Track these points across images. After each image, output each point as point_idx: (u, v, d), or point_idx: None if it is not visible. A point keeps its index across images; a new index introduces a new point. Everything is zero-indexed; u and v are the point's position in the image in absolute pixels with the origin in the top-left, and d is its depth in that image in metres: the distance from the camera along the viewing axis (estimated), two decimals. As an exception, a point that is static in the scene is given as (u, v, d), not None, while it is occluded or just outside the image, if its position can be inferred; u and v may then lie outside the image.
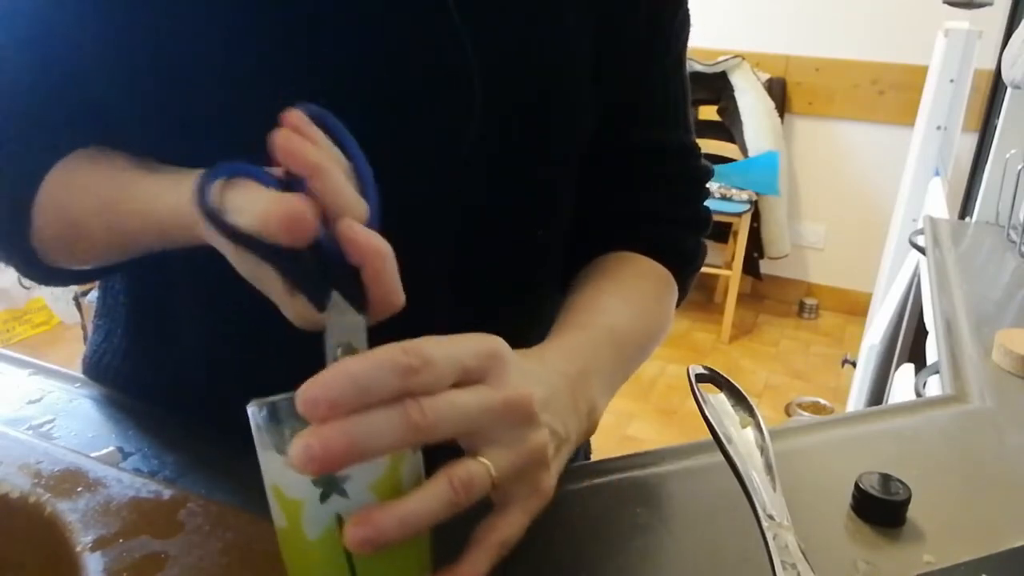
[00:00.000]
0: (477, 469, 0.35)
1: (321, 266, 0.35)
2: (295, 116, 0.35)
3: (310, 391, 0.31)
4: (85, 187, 0.50)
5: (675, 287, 0.65)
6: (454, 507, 0.34)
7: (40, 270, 0.54)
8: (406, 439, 0.32)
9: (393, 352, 0.33)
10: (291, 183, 0.35)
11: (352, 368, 0.31)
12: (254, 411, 0.35)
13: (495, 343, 0.37)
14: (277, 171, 0.36)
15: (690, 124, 0.67)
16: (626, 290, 0.59)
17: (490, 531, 0.37)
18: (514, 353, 0.39)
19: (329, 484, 0.33)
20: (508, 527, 0.37)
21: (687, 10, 0.63)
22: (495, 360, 0.37)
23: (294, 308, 0.37)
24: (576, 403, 0.44)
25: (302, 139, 0.34)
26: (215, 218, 0.36)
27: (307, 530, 0.34)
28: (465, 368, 0.35)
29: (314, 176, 0.34)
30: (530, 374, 0.39)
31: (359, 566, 0.34)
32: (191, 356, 0.59)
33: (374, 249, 0.35)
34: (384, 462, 0.34)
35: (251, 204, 0.35)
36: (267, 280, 0.38)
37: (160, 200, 0.45)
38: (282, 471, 0.33)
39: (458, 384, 0.35)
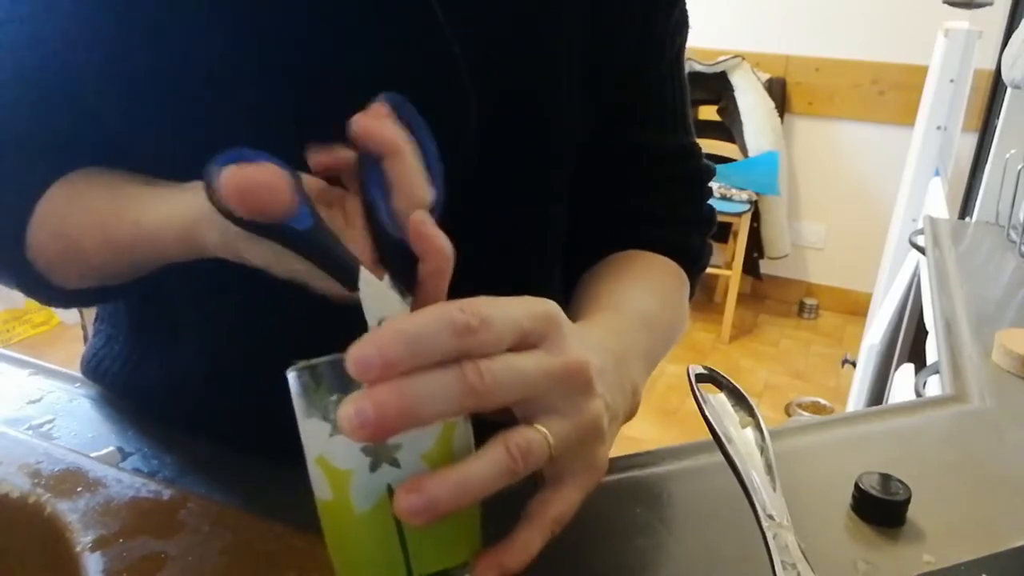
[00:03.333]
0: (535, 436, 0.33)
1: (336, 243, 0.35)
2: (378, 105, 0.36)
3: (362, 350, 0.29)
4: (82, 204, 0.49)
5: (687, 282, 0.64)
6: (511, 475, 0.32)
7: (42, 290, 0.52)
8: (463, 403, 0.30)
9: (449, 309, 0.31)
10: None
11: (406, 326, 0.30)
12: (294, 376, 0.33)
13: (550, 306, 0.35)
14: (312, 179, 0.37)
15: (689, 125, 0.66)
16: (647, 280, 0.58)
17: (544, 506, 0.35)
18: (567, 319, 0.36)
19: (379, 453, 0.32)
20: (562, 502, 0.35)
21: (684, 10, 0.62)
22: (552, 324, 0.35)
23: (327, 286, 0.37)
24: (621, 380, 0.42)
25: (381, 119, 0.35)
26: (218, 205, 0.35)
27: (356, 502, 0.33)
28: (523, 330, 0.33)
29: (389, 154, 0.35)
30: (585, 341, 0.37)
31: (410, 541, 0.33)
32: (192, 364, 0.59)
33: (440, 249, 0.35)
34: (436, 431, 0.32)
35: None
36: (291, 264, 0.37)
37: (152, 209, 0.44)
38: (328, 440, 0.32)
39: (514, 348, 0.33)
